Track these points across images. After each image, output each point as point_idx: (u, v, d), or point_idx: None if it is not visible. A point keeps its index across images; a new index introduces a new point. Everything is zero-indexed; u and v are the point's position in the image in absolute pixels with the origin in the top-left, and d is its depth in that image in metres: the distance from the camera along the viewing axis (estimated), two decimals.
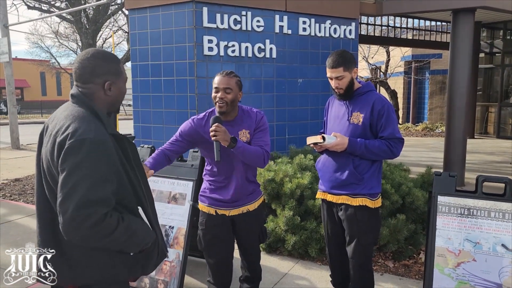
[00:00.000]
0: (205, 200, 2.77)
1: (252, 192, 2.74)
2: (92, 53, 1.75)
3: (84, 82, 1.73)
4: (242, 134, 2.62)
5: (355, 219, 2.72)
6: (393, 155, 2.67)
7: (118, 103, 1.83)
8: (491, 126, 13.64)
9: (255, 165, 2.65)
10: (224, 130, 2.45)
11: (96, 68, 1.72)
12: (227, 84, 2.55)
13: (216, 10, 4.95)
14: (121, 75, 1.80)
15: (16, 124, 12.21)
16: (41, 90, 41.54)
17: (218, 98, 2.54)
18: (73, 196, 1.51)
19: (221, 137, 2.43)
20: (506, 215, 2.70)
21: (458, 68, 6.53)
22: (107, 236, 1.56)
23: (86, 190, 1.52)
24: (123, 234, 1.60)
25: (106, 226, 1.54)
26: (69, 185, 1.52)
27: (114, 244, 1.64)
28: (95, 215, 1.52)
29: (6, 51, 11.77)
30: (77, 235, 1.54)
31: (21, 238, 4.60)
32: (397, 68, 18.97)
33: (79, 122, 1.61)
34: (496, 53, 13.52)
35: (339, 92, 2.73)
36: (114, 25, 23.07)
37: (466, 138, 6.91)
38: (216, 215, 2.72)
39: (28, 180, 7.56)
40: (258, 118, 2.68)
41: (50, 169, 1.65)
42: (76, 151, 1.55)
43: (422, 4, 6.98)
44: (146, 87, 5.31)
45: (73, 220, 1.51)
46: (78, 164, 1.54)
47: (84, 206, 1.51)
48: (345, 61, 2.67)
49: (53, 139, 1.62)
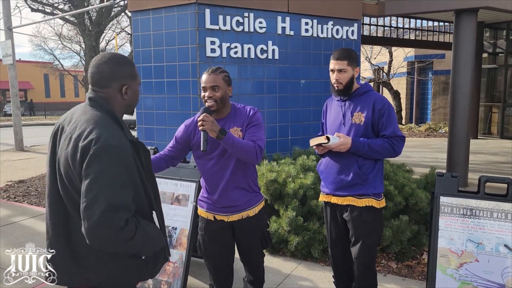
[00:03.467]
0: (203, 205, 2.71)
1: (249, 199, 2.65)
2: (108, 57, 1.76)
3: (102, 87, 1.75)
4: (234, 132, 2.55)
5: (361, 220, 2.72)
6: (395, 153, 2.69)
7: (133, 105, 1.86)
8: (494, 127, 13.60)
9: (246, 160, 2.51)
10: (212, 120, 2.38)
11: (113, 72, 1.74)
12: (214, 82, 2.50)
13: (219, 11, 4.97)
14: (136, 78, 1.82)
15: (20, 126, 12.26)
16: (45, 92, 41.71)
17: (207, 97, 2.50)
18: (99, 202, 1.53)
19: (208, 127, 2.36)
20: (508, 215, 2.70)
21: (461, 69, 6.52)
22: (128, 241, 1.59)
23: (111, 197, 1.55)
24: (140, 239, 1.63)
25: (127, 231, 1.57)
26: (94, 191, 1.54)
27: (132, 249, 1.66)
28: (118, 221, 1.54)
29: (10, 53, 11.83)
30: (102, 241, 1.57)
31: (25, 240, 4.62)
32: (400, 68, 18.95)
33: (102, 128, 1.63)
34: (499, 53, 13.48)
35: (338, 87, 2.73)
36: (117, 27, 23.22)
37: (470, 138, 6.90)
38: (215, 220, 2.66)
39: (32, 182, 7.59)
40: (250, 115, 2.59)
41: (68, 172, 1.66)
42: (100, 157, 1.57)
43: (425, 5, 6.97)
44: (149, 89, 5.33)
45: (98, 226, 1.53)
46: (103, 170, 1.57)
47: (109, 212, 1.53)
48: (351, 56, 2.72)
49: (75, 143, 1.63)
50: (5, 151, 11.81)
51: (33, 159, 10.35)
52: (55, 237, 1.76)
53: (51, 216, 1.77)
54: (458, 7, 6.46)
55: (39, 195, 6.62)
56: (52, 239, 1.77)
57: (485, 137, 13.34)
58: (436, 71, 18.32)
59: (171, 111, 5.18)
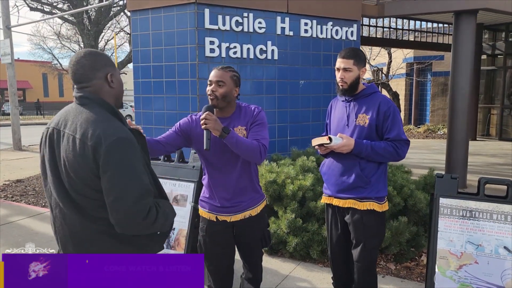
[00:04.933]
0: (205, 206, 2.68)
1: (252, 198, 2.63)
2: (84, 52, 1.81)
3: (88, 80, 1.77)
4: (238, 131, 2.52)
5: (362, 224, 2.69)
6: (399, 157, 2.65)
7: (121, 95, 1.89)
8: (493, 128, 13.61)
9: (250, 159, 2.48)
10: (215, 118, 2.35)
11: (94, 63, 1.77)
12: (220, 77, 2.47)
13: (218, 11, 4.96)
14: (115, 67, 1.87)
15: (18, 125, 12.24)
16: (43, 92, 41.62)
17: (210, 91, 2.47)
18: (125, 194, 1.63)
19: (211, 126, 2.32)
20: (508, 217, 2.69)
21: (460, 70, 6.52)
22: (153, 223, 1.70)
23: (135, 187, 1.65)
24: (162, 219, 1.75)
25: (151, 215, 1.68)
26: (119, 185, 1.63)
27: (155, 229, 1.77)
28: (146, 206, 1.67)
29: (8, 52, 11.80)
30: (134, 229, 1.68)
31: (23, 239, 4.60)
32: (399, 70, 18.96)
33: (104, 124, 1.68)
34: (498, 55, 13.49)
35: (343, 86, 2.68)
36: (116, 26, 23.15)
37: (468, 140, 6.90)
38: (217, 221, 2.63)
39: (29, 181, 7.57)
40: (254, 113, 2.56)
41: (79, 171, 1.67)
42: (115, 151, 1.64)
43: (424, 6, 6.97)
44: (148, 89, 5.31)
45: (129, 216, 1.64)
46: (120, 163, 1.64)
47: (136, 202, 1.64)
48: (357, 56, 2.67)
49: (81, 142, 1.66)
50: (3, 151, 11.78)
51: (31, 158, 10.33)
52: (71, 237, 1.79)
53: (66, 217, 1.77)
54: (458, 8, 6.47)
55: (37, 194, 6.60)
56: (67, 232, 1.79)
57: (484, 138, 13.35)
58: (435, 72, 18.33)
59: (170, 111, 5.17)
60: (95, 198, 1.68)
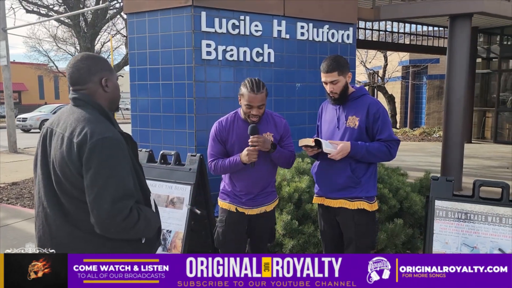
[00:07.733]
0: (226, 198, 2.86)
1: (269, 195, 2.89)
2: (82, 55, 1.83)
3: (83, 83, 1.79)
4: (266, 136, 2.74)
5: (353, 223, 2.74)
6: (391, 156, 2.71)
7: (117, 99, 1.90)
8: (488, 131, 13.68)
9: (284, 166, 2.89)
10: (263, 140, 2.60)
11: (90, 67, 1.79)
12: (262, 101, 2.66)
13: (215, 14, 4.97)
14: (113, 72, 1.88)
15: (14, 127, 12.19)
16: (39, 94, 41.47)
17: (252, 115, 2.65)
18: (106, 192, 1.60)
19: (261, 146, 2.61)
20: (503, 219, 2.71)
21: (456, 73, 6.56)
22: (133, 227, 1.67)
23: (117, 186, 1.62)
24: (142, 223, 1.71)
25: (132, 217, 1.65)
26: (100, 183, 1.61)
27: (135, 234, 1.74)
28: (126, 208, 1.63)
29: (4, 54, 11.77)
30: (113, 229, 1.64)
31: (18, 242, 4.58)
32: (394, 73, 19.03)
33: (93, 123, 1.69)
34: (493, 58, 13.58)
35: (334, 96, 2.74)
36: (112, 29, 23.11)
37: (464, 142, 6.93)
38: (236, 212, 2.81)
39: (25, 184, 7.54)
40: (283, 125, 2.83)
41: (65, 170, 1.68)
42: (99, 149, 1.62)
43: (420, 9, 7.01)
44: (144, 91, 5.31)
45: (109, 215, 1.60)
46: (104, 161, 1.62)
47: (117, 201, 1.61)
48: (340, 65, 2.69)
49: (69, 140, 1.67)
50: None
51: (27, 161, 10.28)
52: (55, 235, 1.77)
53: (48, 218, 1.77)
54: (453, 12, 6.51)
55: (32, 197, 6.57)
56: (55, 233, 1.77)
57: (479, 141, 13.42)
58: (430, 75, 18.42)
59: (166, 114, 5.16)
60: (82, 200, 1.66)
